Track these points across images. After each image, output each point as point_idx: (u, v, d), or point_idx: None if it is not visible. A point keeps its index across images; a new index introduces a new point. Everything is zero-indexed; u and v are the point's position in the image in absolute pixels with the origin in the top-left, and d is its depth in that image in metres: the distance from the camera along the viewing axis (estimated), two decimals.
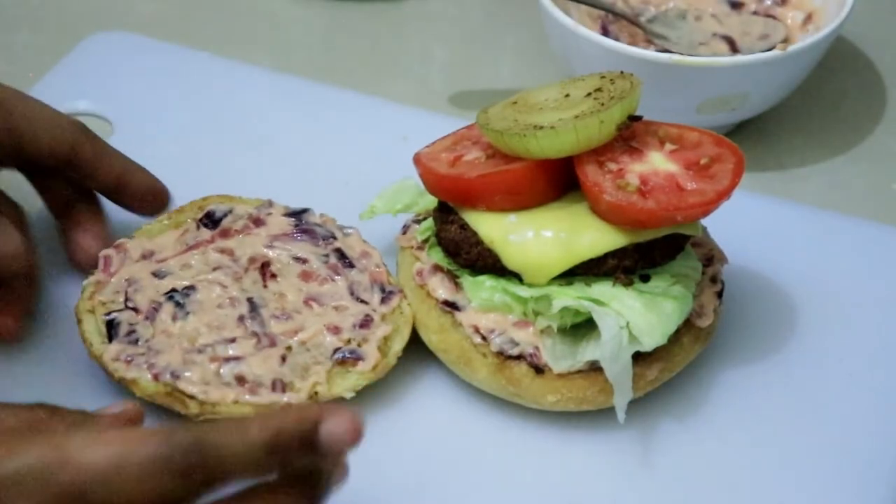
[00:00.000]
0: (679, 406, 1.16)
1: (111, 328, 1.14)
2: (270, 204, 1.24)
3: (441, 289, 1.16)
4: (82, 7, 1.64)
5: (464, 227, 1.13)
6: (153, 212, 1.25)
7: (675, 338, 1.13)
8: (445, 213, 1.15)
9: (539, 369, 1.12)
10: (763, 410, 1.16)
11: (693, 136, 1.14)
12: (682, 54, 1.37)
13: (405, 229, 1.23)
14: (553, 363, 1.11)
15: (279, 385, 1.11)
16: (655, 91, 1.30)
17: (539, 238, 1.10)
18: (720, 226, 1.22)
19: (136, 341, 1.13)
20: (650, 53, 1.34)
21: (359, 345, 1.14)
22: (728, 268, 1.21)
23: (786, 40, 1.46)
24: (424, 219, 1.22)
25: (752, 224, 1.31)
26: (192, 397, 1.09)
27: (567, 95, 1.14)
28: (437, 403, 1.17)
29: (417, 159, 1.17)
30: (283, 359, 1.12)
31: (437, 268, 1.17)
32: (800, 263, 1.28)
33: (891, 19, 1.65)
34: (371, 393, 1.16)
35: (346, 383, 1.12)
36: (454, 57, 1.61)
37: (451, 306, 1.15)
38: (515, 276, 1.11)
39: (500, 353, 1.13)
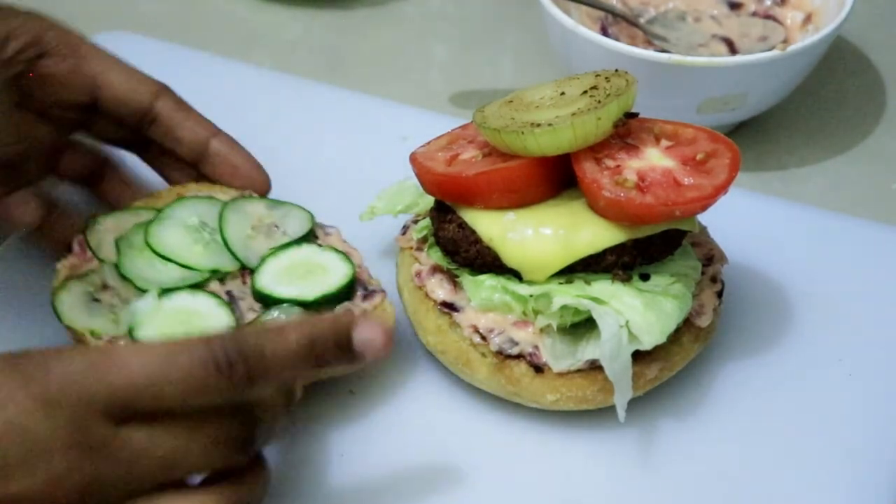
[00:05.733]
0: (679, 405, 1.16)
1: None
2: (251, 196, 1.23)
3: (440, 290, 1.16)
4: (83, 7, 1.64)
5: (462, 225, 1.13)
6: (249, 188, 1.24)
7: (675, 337, 1.13)
8: (443, 213, 1.15)
9: (539, 368, 1.12)
10: (763, 410, 1.16)
11: (688, 133, 1.14)
12: (681, 55, 1.37)
13: (405, 230, 1.23)
14: (553, 362, 1.11)
15: None
16: (656, 91, 1.31)
17: (538, 235, 1.10)
18: (720, 226, 1.22)
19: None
20: (650, 53, 1.34)
21: None
22: (728, 268, 1.21)
23: (785, 41, 1.46)
24: (423, 219, 1.22)
25: (752, 224, 1.31)
26: None
27: (562, 93, 1.14)
28: (437, 403, 1.17)
29: (414, 159, 1.17)
30: None
31: (436, 269, 1.17)
32: (800, 263, 1.28)
33: (891, 19, 1.65)
34: (371, 393, 1.16)
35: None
36: (454, 57, 1.61)
37: (450, 307, 1.15)
38: (514, 274, 1.12)
39: (500, 353, 1.13)
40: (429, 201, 1.20)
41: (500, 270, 1.12)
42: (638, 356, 1.10)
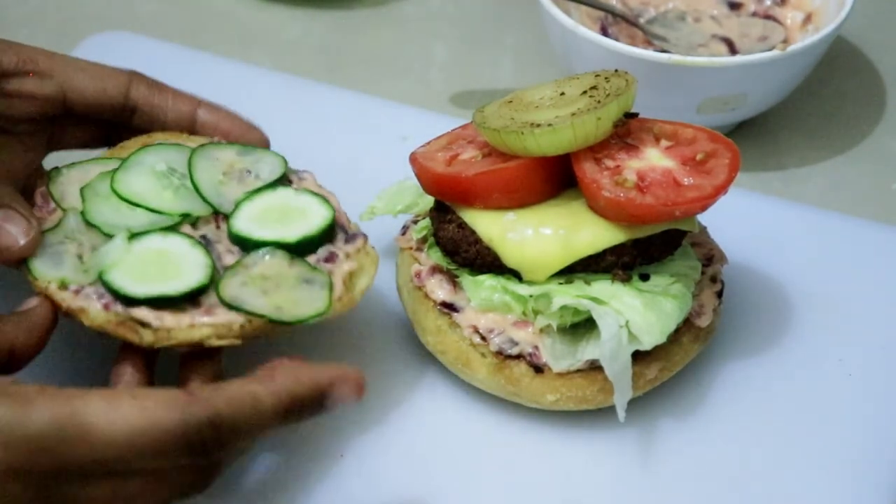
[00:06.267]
0: (679, 405, 1.16)
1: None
2: (220, 142, 1.20)
3: (439, 290, 1.16)
4: (82, 7, 1.65)
5: (462, 225, 1.13)
6: None
7: (675, 337, 1.13)
8: (443, 213, 1.15)
9: (538, 368, 1.12)
10: (762, 410, 1.16)
11: (688, 133, 1.14)
12: (681, 55, 1.37)
13: (404, 230, 1.23)
14: (552, 362, 1.11)
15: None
16: (655, 91, 1.31)
17: (538, 235, 1.10)
18: (720, 226, 1.22)
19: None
20: (650, 53, 1.34)
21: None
22: (728, 268, 1.21)
23: (785, 41, 1.46)
24: (423, 219, 1.22)
25: (752, 224, 1.31)
26: (145, 325, 1.04)
27: (562, 94, 1.14)
28: (437, 404, 1.17)
29: (414, 159, 1.17)
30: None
31: (435, 269, 1.17)
32: (800, 263, 1.28)
33: (891, 20, 1.65)
34: (371, 393, 1.15)
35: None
36: (454, 57, 1.61)
37: (450, 307, 1.15)
38: (514, 275, 1.12)
39: (500, 353, 1.13)
40: (429, 201, 1.20)
41: (499, 270, 1.12)
42: (638, 356, 1.10)
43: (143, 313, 1.05)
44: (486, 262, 1.12)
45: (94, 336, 1.07)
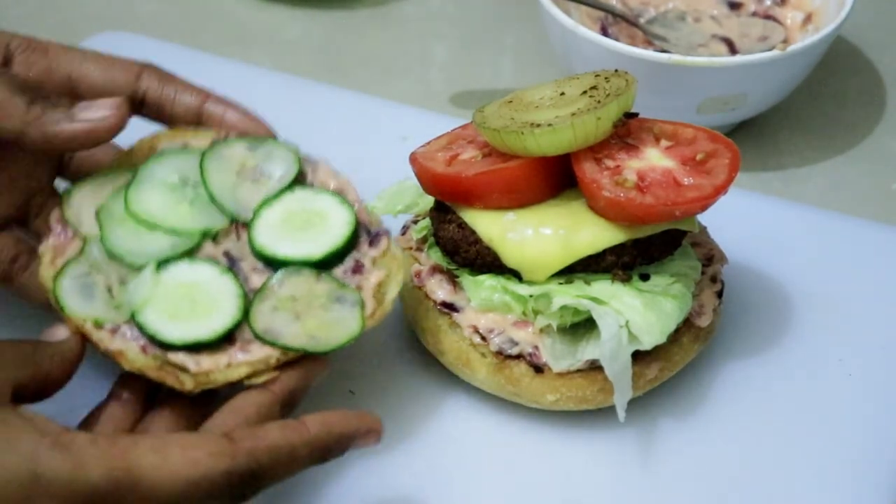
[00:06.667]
0: (679, 405, 1.16)
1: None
2: (227, 136, 1.16)
3: (439, 290, 1.16)
4: (82, 7, 1.65)
5: (462, 225, 1.13)
6: None
7: (675, 337, 1.13)
8: (443, 213, 1.15)
9: (538, 368, 1.12)
10: (762, 410, 1.16)
11: (688, 133, 1.14)
12: (681, 55, 1.37)
13: (404, 230, 1.23)
14: (552, 362, 1.11)
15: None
16: (655, 91, 1.31)
17: (538, 235, 1.10)
18: (720, 226, 1.22)
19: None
20: (650, 53, 1.34)
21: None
22: (728, 268, 1.21)
23: (785, 41, 1.46)
24: (423, 219, 1.22)
25: (752, 224, 1.31)
26: (184, 369, 1.03)
27: (562, 94, 1.14)
28: (437, 404, 1.17)
29: (414, 159, 1.17)
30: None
31: (435, 269, 1.17)
32: (800, 263, 1.28)
33: (891, 20, 1.66)
34: (371, 393, 1.16)
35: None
36: (454, 57, 1.61)
37: (450, 307, 1.15)
38: (514, 275, 1.12)
39: (500, 353, 1.13)
40: (429, 201, 1.20)
41: (500, 270, 1.12)
42: (638, 356, 1.10)
43: (180, 357, 1.03)
44: (486, 262, 1.12)
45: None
